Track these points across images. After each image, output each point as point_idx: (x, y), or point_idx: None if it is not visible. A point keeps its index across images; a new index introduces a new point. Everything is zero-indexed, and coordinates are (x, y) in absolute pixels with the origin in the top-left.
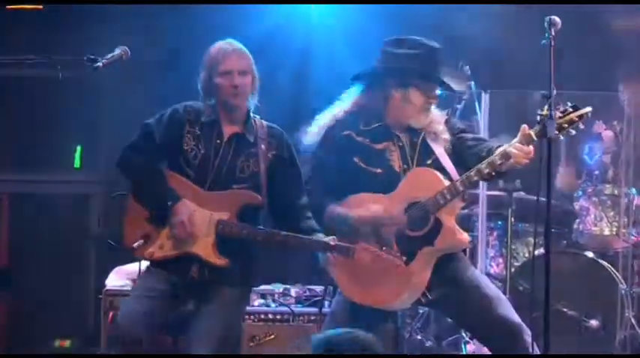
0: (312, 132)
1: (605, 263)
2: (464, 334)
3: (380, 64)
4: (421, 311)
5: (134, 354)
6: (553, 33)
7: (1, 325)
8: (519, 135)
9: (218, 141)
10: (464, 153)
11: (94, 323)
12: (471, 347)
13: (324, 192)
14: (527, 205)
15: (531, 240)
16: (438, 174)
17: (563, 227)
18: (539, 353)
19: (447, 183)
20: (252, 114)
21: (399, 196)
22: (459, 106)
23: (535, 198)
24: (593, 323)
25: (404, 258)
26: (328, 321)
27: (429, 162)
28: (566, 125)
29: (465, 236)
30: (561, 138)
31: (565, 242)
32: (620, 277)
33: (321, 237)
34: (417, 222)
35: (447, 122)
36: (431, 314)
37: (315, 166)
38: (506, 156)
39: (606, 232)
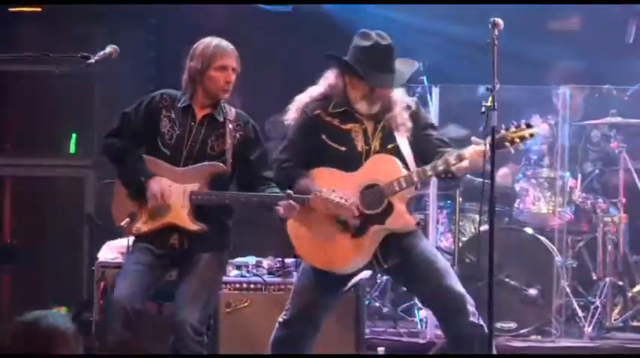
0: (291, 110)
1: (542, 238)
2: (417, 301)
3: (345, 53)
4: (379, 281)
5: (134, 354)
6: (496, 33)
7: (7, 294)
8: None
9: (192, 124)
10: (426, 149)
11: (88, 291)
12: (424, 313)
13: (294, 164)
14: (473, 186)
15: (477, 217)
16: (398, 162)
17: (505, 206)
18: (482, 323)
19: (403, 171)
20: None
21: (357, 177)
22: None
23: (480, 179)
24: (532, 291)
25: (357, 222)
26: (294, 289)
27: (389, 147)
28: (517, 140)
29: (413, 219)
30: (511, 150)
31: (507, 219)
32: (556, 251)
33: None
34: (372, 203)
35: (414, 114)
36: (388, 283)
37: (289, 140)
38: (460, 157)
39: (544, 211)
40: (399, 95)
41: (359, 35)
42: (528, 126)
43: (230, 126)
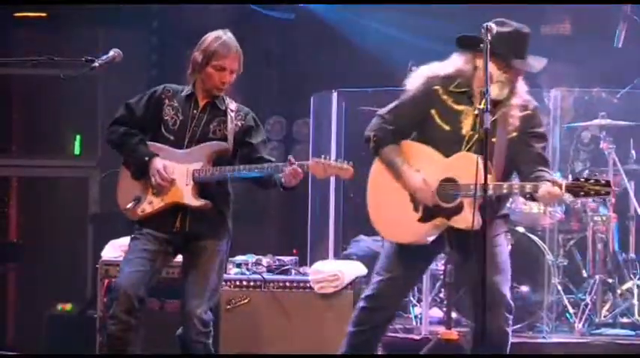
0: (416, 75)
1: (534, 237)
2: (412, 298)
3: (477, 36)
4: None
5: (133, 354)
6: (489, 38)
7: (14, 290)
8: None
9: (195, 111)
10: (522, 158)
11: (92, 289)
12: (418, 310)
13: (393, 129)
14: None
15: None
16: (480, 166)
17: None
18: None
19: (481, 176)
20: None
21: (442, 166)
22: None
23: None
24: (524, 289)
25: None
26: (379, 262)
27: (492, 139)
28: (593, 193)
29: (477, 221)
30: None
31: None
32: (547, 249)
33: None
34: (447, 196)
35: (529, 117)
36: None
37: (400, 102)
38: (534, 188)
39: (535, 210)
40: (521, 93)
41: (496, 23)
42: (607, 184)
43: (232, 114)
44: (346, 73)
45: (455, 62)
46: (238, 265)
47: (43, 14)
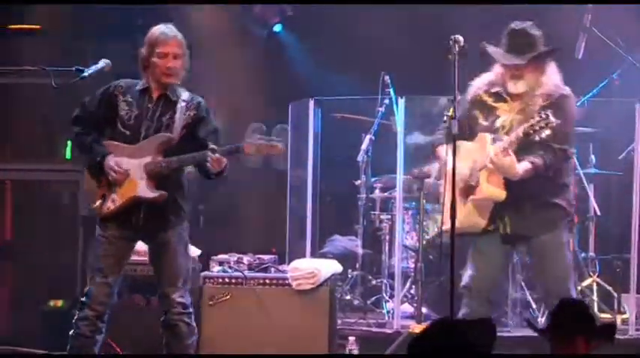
0: (473, 84)
1: None
2: (384, 294)
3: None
4: (350, 276)
5: (134, 354)
6: (457, 48)
7: (7, 289)
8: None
9: (149, 105)
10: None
11: (81, 286)
12: (391, 305)
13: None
14: (436, 189)
15: (439, 217)
16: (489, 140)
17: None
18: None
19: (491, 153)
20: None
21: (471, 151)
22: (380, 109)
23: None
24: None
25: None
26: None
27: (520, 133)
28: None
29: (495, 191)
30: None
31: None
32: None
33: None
34: (472, 176)
35: (550, 104)
36: (358, 278)
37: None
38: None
39: None
40: (547, 83)
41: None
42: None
43: (182, 104)
44: (323, 82)
45: (496, 68)
46: (220, 263)
47: (37, 26)
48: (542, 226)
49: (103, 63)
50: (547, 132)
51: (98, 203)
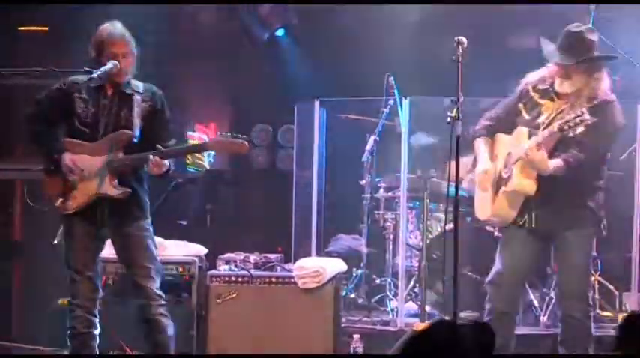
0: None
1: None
2: (388, 293)
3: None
4: (354, 274)
5: (136, 354)
6: (460, 50)
7: (17, 288)
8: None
9: (105, 101)
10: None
11: None
12: (395, 304)
13: (490, 124)
14: (440, 189)
15: (443, 216)
16: (525, 133)
17: (468, 207)
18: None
19: (526, 147)
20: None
21: (509, 144)
22: (385, 109)
23: (445, 182)
24: None
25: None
26: None
27: (554, 128)
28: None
29: (527, 184)
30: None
31: (469, 219)
32: None
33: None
34: (506, 168)
35: (593, 107)
36: (363, 276)
37: (502, 102)
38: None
39: None
40: (594, 87)
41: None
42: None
43: (138, 97)
44: (328, 83)
45: (550, 66)
46: (227, 262)
47: (45, 28)
48: (568, 225)
49: (111, 64)
50: (581, 129)
51: (59, 201)
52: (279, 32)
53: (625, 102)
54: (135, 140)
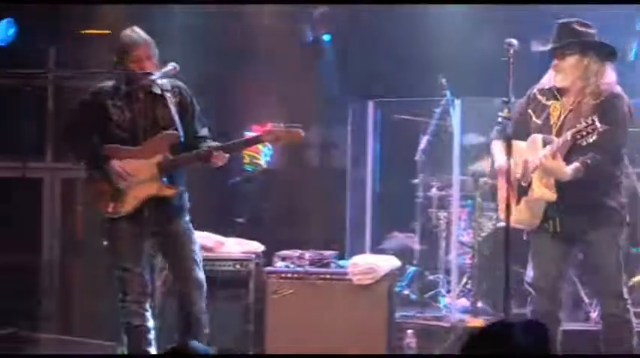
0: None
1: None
2: (441, 289)
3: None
4: (408, 271)
5: (136, 355)
6: (511, 52)
7: (79, 284)
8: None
9: (138, 105)
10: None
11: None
12: (448, 300)
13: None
14: (491, 188)
15: (494, 215)
16: (540, 142)
17: None
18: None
19: (541, 155)
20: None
21: (525, 151)
22: (437, 110)
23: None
24: None
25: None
26: None
27: (567, 137)
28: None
29: (547, 193)
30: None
31: None
32: None
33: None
34: (525, 176)
35: (600, 103)
36: (416, 273)
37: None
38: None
39: None
40: (598, 82)
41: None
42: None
43: (168, 94)
44: (383, 83)
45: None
46: (283, 258)
47: (106, 32)
48: (592, 226)
49: (170, 66)
50: (593, 137)
51: (111, 206)
52: (326, 37)
53: None
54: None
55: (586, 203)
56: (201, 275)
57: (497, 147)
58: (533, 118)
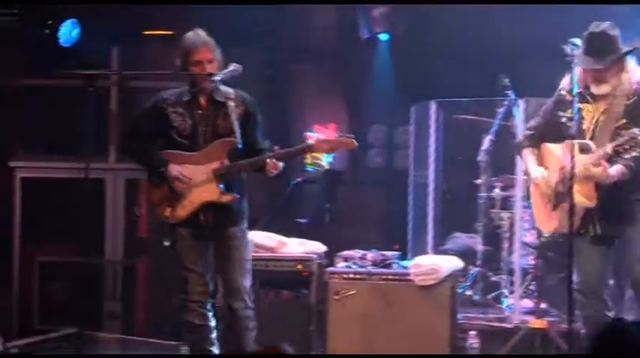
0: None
1: None
2: (504, 290)
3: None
4: (471, 272)
5: (138, 354)
6: (574, 51)
7: (144, 283)
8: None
9: (199, 111)
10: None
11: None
12: (511, 301)
13: (531, 134)
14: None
15: None
16: (577, 152)
17: None
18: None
19: (581, 166)
20: (218, 84)
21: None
22: (500, 110)
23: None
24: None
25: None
26: None
27: (608, 150)
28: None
29: (585, 200)
30: None
31: None
32: None
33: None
34: (563, 182)
35: (634, 103)
36: (478, 274)
37: (541, 112)
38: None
39: None
40: (628, 83)
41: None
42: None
43: (231, 103)
44: (445, 84)
45: (579, 70)
46: (345, 259)
47: (170, 32)
48: (626, 222)
49: (233, 67)
50: (635, 153)
51: (168, 211)
52: (384, 37)
53: None
54: (239, 146)
55: (623, 202)
56: (245, 283)
57: (530, 158)
58: (564, 120)
